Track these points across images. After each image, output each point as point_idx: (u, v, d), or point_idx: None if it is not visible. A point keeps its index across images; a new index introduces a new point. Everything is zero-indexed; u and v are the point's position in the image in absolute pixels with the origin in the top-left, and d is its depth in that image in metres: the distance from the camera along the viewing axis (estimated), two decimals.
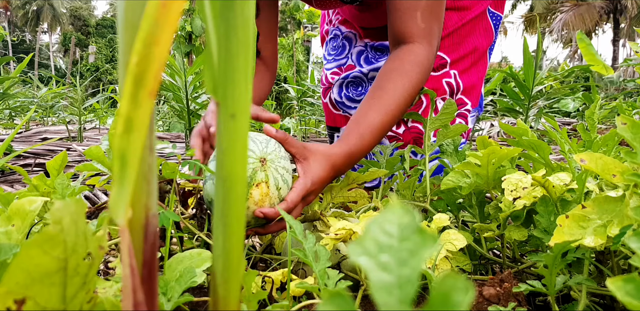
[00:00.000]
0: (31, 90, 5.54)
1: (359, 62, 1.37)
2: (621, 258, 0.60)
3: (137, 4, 0.24)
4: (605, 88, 5.86)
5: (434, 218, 0.63)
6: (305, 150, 0.78)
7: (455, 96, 1.24)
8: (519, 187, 0.65)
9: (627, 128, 0.50)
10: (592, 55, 0.98)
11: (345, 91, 1.39)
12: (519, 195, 0.64)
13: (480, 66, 1.27)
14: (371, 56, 1.35)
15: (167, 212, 0.55)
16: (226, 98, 0.24)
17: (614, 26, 22.78)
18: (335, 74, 1.42)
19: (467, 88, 1.24)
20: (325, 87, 1.47)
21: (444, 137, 0.90)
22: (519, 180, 0.66)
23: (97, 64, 19.59)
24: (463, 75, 1.23)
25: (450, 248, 0.58)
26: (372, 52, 1.35)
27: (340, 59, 1.43)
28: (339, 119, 1.44)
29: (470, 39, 1.24)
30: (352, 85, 1.37)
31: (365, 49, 1.37)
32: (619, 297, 0.25)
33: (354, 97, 1.37)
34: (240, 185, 0.25)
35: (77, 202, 0.28)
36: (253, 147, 0.72)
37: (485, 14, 1.27)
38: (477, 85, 1.27)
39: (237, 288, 0.27)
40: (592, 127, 0.77)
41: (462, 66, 1.24)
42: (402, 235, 0.16)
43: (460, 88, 1.23)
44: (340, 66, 1.42)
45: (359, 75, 1.34)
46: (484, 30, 1.27)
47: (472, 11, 1.23)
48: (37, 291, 0.27)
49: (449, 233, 0.60)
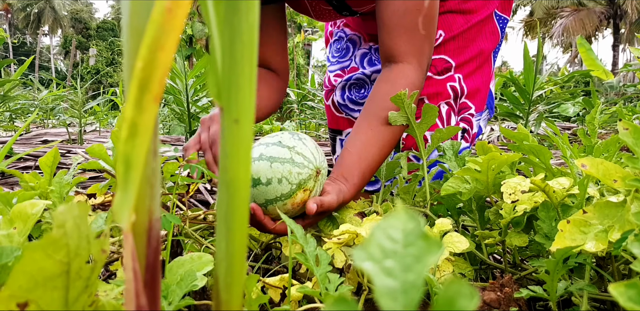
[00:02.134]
0: (32, 92, 5.54)
1: (362, 64, 1.37)
2: (622, 263, 0.60)
3: (143, 9, 0.24)
4: (605, 93, 5.87)
5: (436, 223, 0.63)
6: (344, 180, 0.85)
7: (460, 100, 1.23)
8: (518, 190, 0.65)
9: (629, 133, 0.50)
10: (592, 60, 0.99)
11: (348, 93, 1.38)
12: (517, 198, 0.64)
13: (485, 69, 1.26)
14: (375, 58, 1.34)
15: (168, 215, 0.55)
16: (230, 103, 0.24)
17: (613, 31, 22.85)
18: (338, 76, 1.42)
19: (471, 92, 1.24)
20: (328, 89, 1.47)
21: (438, 140, 0.89)
22: (518, 183, 0.66)
23: (98, 66, 19.62)
24: (467, 79, 1.22)
25: (454, 251, 0.58)
26: (376, 55, 1.35)
27: (344, 61, 1.42)
28: (341, 122, 1.44)
29: (476, 42, 1.23)
30: (355, 88, 1.37)
31: (370, 52, 1.36)
32: (621, 303, 0.25)
33: (357, 99, 1.37)
34: (244, 189, 0.25)
35: (80, 205, 0.28)
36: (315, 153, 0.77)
37: (492, 17, 1.26)
38: (482, 89, 1.26)
39: (239, 292, 0.27)
40: (593, 132, 0.77)
41: (466, 70, 1.22)
42: (406, 240, 0.16)
43: (465, 92, 1.23)
44: (343, 68, 1.42)
45: (362, 77, 1.34)
46: (490, 33, 1.25)
47: (478, 14, 1.22)
48: (39, 294, 0.27)
49: (451, 236, 0.60)
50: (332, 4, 1.19)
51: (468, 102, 1.24)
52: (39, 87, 5.42)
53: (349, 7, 1.18)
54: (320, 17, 1.27)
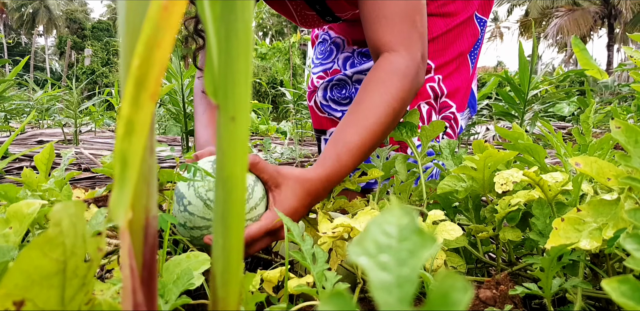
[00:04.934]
0: (27, 92, 5.52)
1: (345, 67, 1.38)
2: (616, 261, 0.61)
3: (139, 7, 0.24)
4: (600, 92, 5.90)
5: (429, 214, 0.63)
6: (279, 176, 0.73)
7: (440, 99, 1.25)
8: (509, 181, 0.64)
9: (621, 132, 0.50)
10: (586, 59, 0.99)
11: (329, 94, 1.40)
12: (509, 188, 0.64)
13: (463, 70, 1.28)
14: (357, 61, 1.36)
15: (165, 215, 0.55)
16: (226, 101, 0.24)
17: (608, 31, 22.94)
18: (320, 78, 1.43)
19: (451, 92, 1.26)
20: (310, 90, 1.48)
21: (426, 138, 0.90)
22: (511, 174, 0.66)
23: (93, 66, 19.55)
24: (446, 79, 1.24)
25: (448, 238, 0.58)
26: (358, 58, 1.36)
27: (327, 63, 1.44)
28: (324, 122, 1.45)
29: (456, 44, 1.25)
30: (337, 88, 1.38)
31: (352, 55, 1.38)
32: (614, 298, 0.25)
33: (338, 99, 1.38)
34: (241, 187, 0.25)
35: (76, 203, 0.28)
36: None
37: (473, 20, 1.28)
38: (461, 88, 1.28)
39: (236, 290, 0.27)
40: (587, 131, 0.78)
41: (446, 71, 1.24)
42: (401, 235, 0.17)
43: (445, 93, 1.24)
44: (326, 70, 1.43)
45: (343, 77, 1.35)
46: (471, 35, 1.27)
47: (458, 17, 1.24)
48: (36, 293, 0.27)
49: (445, 225, 0.60)
50: (315, 8, 1.20)
51: (449, 101, 1.26)
52: (34, 88, 5.40)
53: (332, 13, 1.19)
54: (304, 23, 1.28)
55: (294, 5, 1.23)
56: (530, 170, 0.62)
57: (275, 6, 1.26)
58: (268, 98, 6.92)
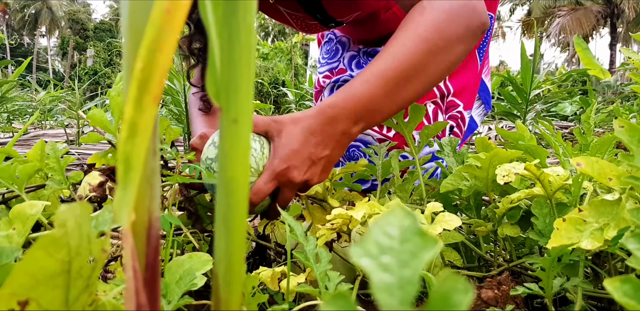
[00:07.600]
0: (29, 93, 5.54)
1: (350, 66, 1.37)
2: (618, 261, 0.61)
3: (142, 10, 0.24)
4: (603, 92, 5.89)
5: (427, 206, 0.63)
6: (275, 123, 0.68)
7: (447, 98, 1.25)
8: (511, 173, 0.64)
9: (625, 131, 0.50)
10: (589, 59, 0.99)
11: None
12: (510, 179, 0.63)
13: (471, 66, 1.27)
14: (363, 61, 1.35)
15: (167, 216, 0.55)
16: (229, 103, 0.25)
17: (611, 30, 22.89)
18: (327, 78, 1.43)
19: (458, 90, 1.25)
20: (317, 90, 1.48)
21: (426, 136, 0.90)
22: (512, 166, 0.65)
23: (96, 67, 19.59)
24: (452, 78, 1.23)
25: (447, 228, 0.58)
26: (364, 58, 1.36)
27: (332, 63, 1.43)
28: None
29: None
30: None
31: (358, 54, 1.37)
32: (616, 298, 0.25)
33: None
34: (243, 188, 0.26)
35: (81, 205, 0.28)
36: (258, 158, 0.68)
37: None
38: (469, 85, 1.27)
39: (238, 291, 0.27)
40: (588, 130, 0.78)
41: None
42: (403, 237, 0.17)
43: (451, 91, 1.24)
44: (331, 69, 1.42)
45: (349, 79, 1.35)
46: None
47: None
48: (40, 293, 0.27)
49: (443, 215, 0.60)
50: (316, 18, 1.19)
51: (456, 99, 1.26)
52: (37, 88, 5.41)
53: (334, 19, 1.19)
54: (307, 30, 1.28)
55: (294, 18, 1.22)
56: (532, 163, 0.62)
57: (276, 17, 1.26)
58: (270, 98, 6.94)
